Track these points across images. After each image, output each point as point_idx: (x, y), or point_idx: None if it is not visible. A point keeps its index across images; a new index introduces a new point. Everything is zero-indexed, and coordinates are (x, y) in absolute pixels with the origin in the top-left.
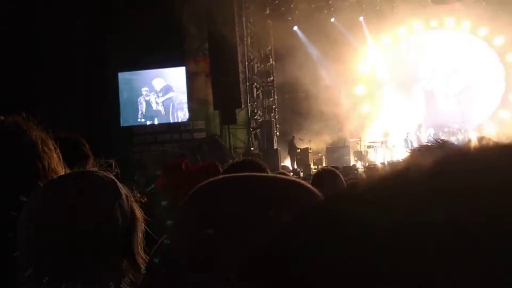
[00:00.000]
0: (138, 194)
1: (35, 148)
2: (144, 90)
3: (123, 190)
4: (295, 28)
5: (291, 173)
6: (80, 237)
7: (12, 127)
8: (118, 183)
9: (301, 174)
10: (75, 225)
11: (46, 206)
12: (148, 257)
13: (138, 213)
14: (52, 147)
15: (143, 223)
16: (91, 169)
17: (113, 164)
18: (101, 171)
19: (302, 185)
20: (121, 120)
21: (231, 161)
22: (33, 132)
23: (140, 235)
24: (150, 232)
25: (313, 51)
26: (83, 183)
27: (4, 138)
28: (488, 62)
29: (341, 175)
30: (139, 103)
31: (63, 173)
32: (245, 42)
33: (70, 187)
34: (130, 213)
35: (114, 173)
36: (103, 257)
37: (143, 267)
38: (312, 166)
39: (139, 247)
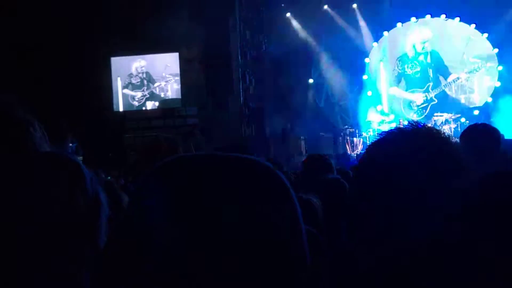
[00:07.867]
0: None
1: (23, 125)
2: (133, 75)
3: (88, 173)
4: (288, 14)
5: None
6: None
7: (3, 104)
8: (83, 166)
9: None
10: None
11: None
12: None
13: (103, 198)
14: (37, 127)
15: (107, 209)
16: (57, 151)
17: (76, 147)
18: (68, 154)
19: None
20: (113, 104)
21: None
22: (20, 111)
23: (104, 220)
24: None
25: (307, 38)
26: (47, 163)
27: None
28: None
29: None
30: (128, 88)
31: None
32: (238, 29)
33: (35, 167)
34: (94, 197)
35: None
36: (61, 240)
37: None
38: (304, 153)
39: (102, 232)
